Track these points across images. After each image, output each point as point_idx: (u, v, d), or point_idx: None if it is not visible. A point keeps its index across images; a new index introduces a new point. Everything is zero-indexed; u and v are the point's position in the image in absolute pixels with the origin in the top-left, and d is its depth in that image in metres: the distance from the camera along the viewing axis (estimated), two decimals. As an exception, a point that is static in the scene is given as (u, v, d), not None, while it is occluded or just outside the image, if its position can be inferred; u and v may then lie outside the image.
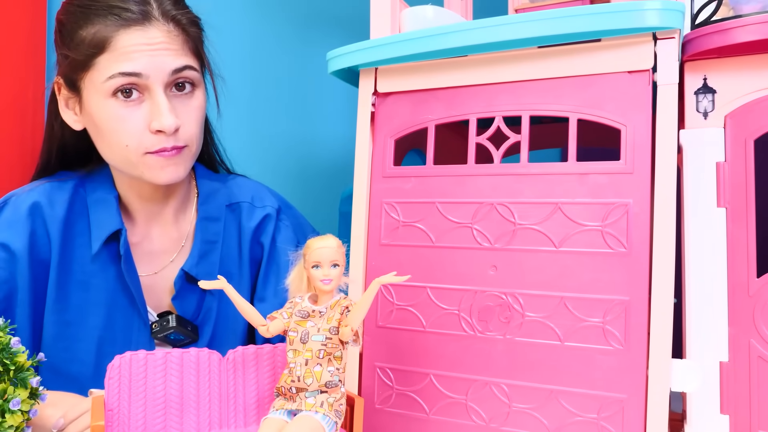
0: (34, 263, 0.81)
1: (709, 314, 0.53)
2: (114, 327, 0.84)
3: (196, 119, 0.81)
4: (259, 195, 0.94)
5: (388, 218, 0.65)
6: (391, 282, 0.51)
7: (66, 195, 0.84)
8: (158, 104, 0.76)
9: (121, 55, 0.75)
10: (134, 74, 0.75)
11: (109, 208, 0.84)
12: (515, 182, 0.59)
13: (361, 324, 0.51)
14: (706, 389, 0.53)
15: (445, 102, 0.63)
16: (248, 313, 0.53)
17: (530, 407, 0.56)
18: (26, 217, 0.82)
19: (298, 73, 1.34)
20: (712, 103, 0.55)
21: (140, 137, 0.77)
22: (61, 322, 0.82)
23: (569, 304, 0.55)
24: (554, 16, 0.56)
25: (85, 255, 0.83)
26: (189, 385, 0.55)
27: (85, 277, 0.83)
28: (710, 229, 0.54)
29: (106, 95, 0.76)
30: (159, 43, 0.77)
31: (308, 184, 1.32)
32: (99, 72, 0.76)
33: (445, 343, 0.60)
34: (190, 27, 0.82)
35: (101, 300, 0.83)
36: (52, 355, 0.81)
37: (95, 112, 0.78)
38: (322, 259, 0.52)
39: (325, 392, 0.51)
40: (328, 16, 1.33)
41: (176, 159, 0.80)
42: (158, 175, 0.79)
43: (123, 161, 0.80)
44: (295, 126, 1.35)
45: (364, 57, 0.66)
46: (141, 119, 0.77)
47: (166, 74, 0.77)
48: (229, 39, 1.29)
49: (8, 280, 0.80)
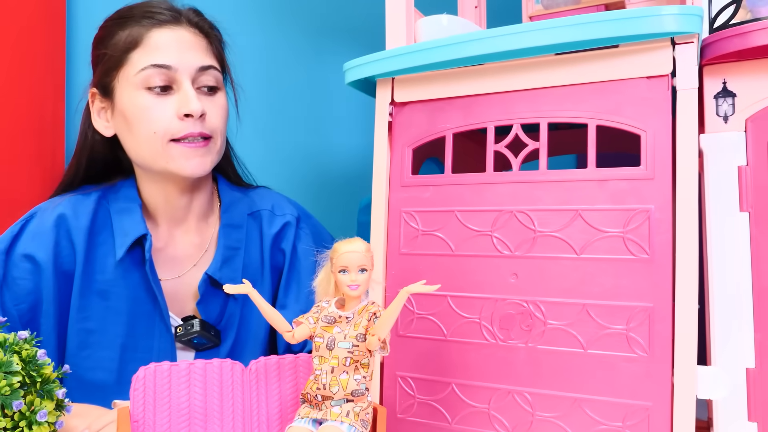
0: (59, 274, 0.84)
1: (734, 320, 0.53)
2: (136, 334, 0.85)
3: (220, 114, 0.86)
4: (279, 204, 0.95)
5: (407, 227, 0.65)
6: (420, 291, 0.50)
7: (90, 206, 0.87)
8: (186, 92, 0.81)
9: (153, 50, 0.82)
10: (165, 66, 0.81)
11: (133, 215, 0.86)
12: (534, 189, 0.59)
13: (389, 332, 0.51)
14: (732, 396, 0.52)
15: (463, 110, 0.64)
16: (273, 319, 0.53)
17: (554, 416, 0.56)
18: (51, 228, 0.84)
19: (315, 84, 1.35)
20: (732, 107, 0.55)
21: (168, 123, 0.81)
22: (83, 331, 0.84)
23: (592, 311, 0.55)
24: (572, 23, 0.56)
25: (107, 263, 0.85)
26: (212, 396, 0.55)
27: (106, 285, 0.85)
28: (733, 234, 0.53)
29: (137, 87, 0.81)
30: (187, 42, 0.84)
31: (326, 194, 1.33)
32: (132, 66, 0.82)
33: (466, 352, 0.60)
34: (213, 34, 0.89)
35: (122, 307, 0.85)
36: (75, 364, 0.83)
37: (126, 105, 0.83)
38: (350, 264, 0.51)
39: (351, 401, 0.51)
40: (343, 27, 1.34)
41: (202, 151, 0.83)
42: (184, 166, 0.82)
43: (150, 153, 0.83)
44: (313, 137, 1.36)
45: (380, 67, 0.66)
46: (170, 107, 0.81)
47: (193, 69, 0.83)
48: (245, 52, 1.31)
49: (33, 291, 0.82)
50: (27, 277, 0.82)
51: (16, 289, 0.82)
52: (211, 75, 0.85)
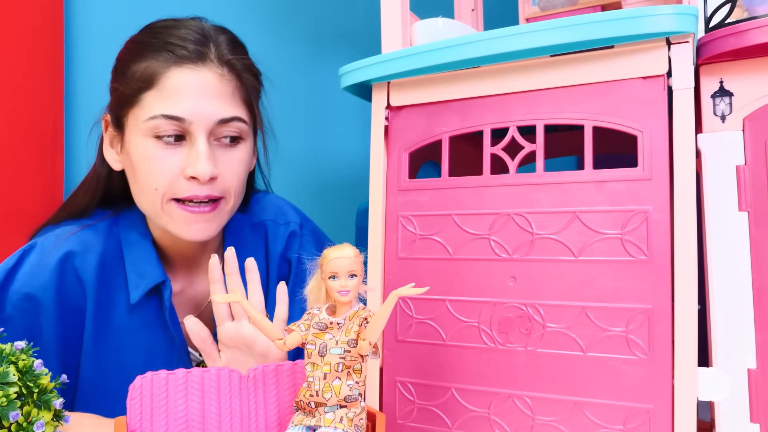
0: (65, 311, 0.77)
1: (734, 321, 0.52)
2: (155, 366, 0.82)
3: (236, 171, 0.77)
4: (282, 212, 0.92)
5: (404, 231, 0.64)
6: (409, 294, 0.50)
7: (100, 239, 0.80)
8: (197, 150, 0.73)
9: (168, 96, 0.72)
10: (177, 118, 0.72)
11: (148, 254, 0.80)
12: (532, 192, 0.58)
13: (380, 337, 0.51)
14: (734, 398, 0.51)
15: (459, 113, 0.63)
16: (263, 327, 0.53)
17: (555, 419, 0.55)
18: (56, 266, 0.77)
19: (312, 88, 1.35)
20: (729, 106, 0.55)
21: (172, 181, 0.74)
22: (99, 365, 0.79)
23: (591, 313, 0.55)
24: (566, 25, 0.56)
25: (121, 301, 0.80)
26: (210, 404, 0.55)
27: (123, 323, 0.80)
28: (732, 234, 0.53)
29: (145, 134, 0.74)
30: (210, 88, 0.73)
31: (324, 199, 1.33)
32: (143, 110, 0.74)
33: (465, 356, 0.60)
34: (245, 73, 0.78)
35: (140, 345, 0.80)
36: (94, 399, 0.78)
37: (133, 150, 0.75)
38: (339, 270, 0.51)
39: (344, 407, 0.50)
40: (339, 31, 1.34)
41: (208, 216, 0.75)
42: (184, 231, 0.76)
43: (151, 208, 0.77)
44: (310, 142, 1.36)
45: (376, 71, 0.66)
46: (177, 163, 0.74)
47: (211, 122, 0.74)
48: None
49: (27, 329, 0.76)
50: (23, 317, 0.75)
51: (10, 327, 0.75)
52: (233, 127, 0.75)
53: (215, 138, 0.75)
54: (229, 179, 0.76)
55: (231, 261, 0.72)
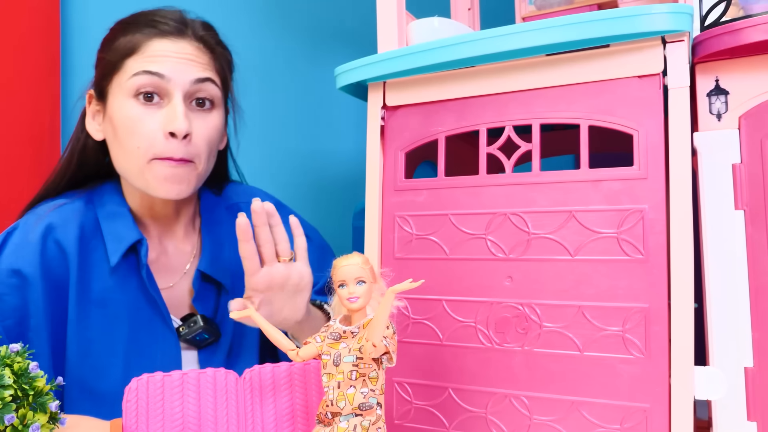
0: (50, 286, 0.81)
1: (731, 319, 0.52)
2: (139, 339, 0.84)
3: (207, 135, 0.83)
4: (254, 194, 0.95)
5: (401, 231, 0.64)
6: (406, 289, 0.49)
7: (78, 212, 0.85)
8: (174, 108, 0.79)
9: (149, 57, 0.80)
10: (157, 74, 0.79)
11: (125, 220, 0.85)
12: (528, 191, 0.58)
13: (394, 342, 0.50)
14: (731, 396, 0.51)
15: (455, 113, 0.63)
16: (276, 339, 0.53)
17: (552, 419, 0.55)
18: (38, 240, 0.81)
19: (308, 89, 1.35)
20: (725, 105, 0.55)
21: (152, 140, 0.79)
22: (84, 340, 0.82)
23: (587, 313, 0.55)
24: (562, 24, 0.56)
25: (102, 270, 0.84)
26: (206, 406, 0.54)
27: (103, 293, 0.83)
28: (729, 232, 0.53)
29: (128, 94, 0.80)
30: (187, 54, 0.81)
31: (322, 199, 1.33)
32: (126, 72, 0.80)
33: (462, 356, 0.60)
34: (218, 47, 0.86)
35: (122, 314, 0.84)
36: (81, 374, 0.81)
37: (115, 112, 0.81)
38: (347, 277, 0.50)
39: (359, 415, 0.49)
40: (336, 31, 1.34)
41: (181, 172, 0.80)
42: (162, 188, 0.80)
43: (133, 168, 0.81)
44: (307, 142, 1.35)
45: (371, 71, 0.66)
46: (157, 122, 0.79)
47: (188, 82, 0.80)
48: (237, 56, 1.31)
49: (20, 307, 0.79)
50: (12, 293, 0.78)
51: (1, 306, 0.78)
52: (207, 88, 0.82)
53: (190, 100, 0.82)
54: (200, 142, 0.82)
55: (259, 213, 0.75)
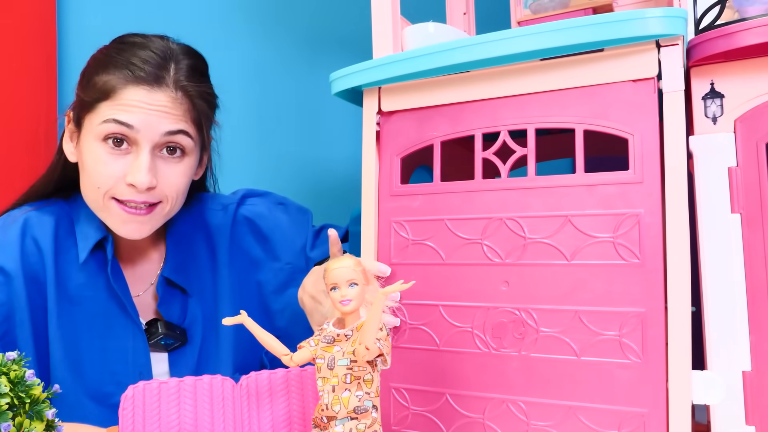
0: (29, 281, 0.83)
1: (729, 323, 0.52)
2: (113, 336, 0.86)
3: (175, 183, 0.83)
4: (217, 199, 0.98)
5: (397, 237, 0.64)
6: (396, 290, 0.49)
7: (53, 213, 0.88)
8: (140, 161, 0.79)
9: (121, 105, 0.78)
10: (126, 125, 0.78)
11: (95, 221, 0.87)
12: (524, 196, 0.58)
13: (388, 344, 0.50)
14: (729, 400, 0.51)
15: (450, 118, 0.63)
16: (269, 344, 0.53)
17: (549, 424, 0.55)
18: (17, 237, 0.84)
19: (304, 94, 1.35)
20: (720, 108, 0.55)
21: (114, 184, 0.80)
22: (64, 338, 0.84)
23: (584, 317, 0.54)
24: (557, 28, 0.56)
25: (74, 268, 0.86)
26: (203, 413, 0.54)
27: (76, 290, 0.85)
28: (725, 236, 0.53)
29: (97, 137, 0.80)
30: (161, 106, 0.79)
31: (318, 205, 1.32)
32: (98, 115, 0.80)
33: (459, 362, 0.59)
34: (198, 100, 0.83)
35: (96, 311, 0.86)
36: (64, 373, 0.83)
37: (85, 150, 0.82)
38: (338, 280, 0.50)
39: (354, 419, 0.49)
40: (332, 37, 1.34)
41: (142, 218, 0.82)
42: (119, 227, 0.82)
43: (94, 203, 0.83)
44: (303, 148, 1.35)
45: (367, 77, 0.66)
46: (121, 168, 0.79)
47: (157, 134, 0.79)
48: (234, 62, 1.31)
49: (6, 302, 0.82)
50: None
51: None
52: (178, 140, 0.81)
53: (160, 149, 0.81)
54: (167, 188, 0.82)
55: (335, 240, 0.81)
